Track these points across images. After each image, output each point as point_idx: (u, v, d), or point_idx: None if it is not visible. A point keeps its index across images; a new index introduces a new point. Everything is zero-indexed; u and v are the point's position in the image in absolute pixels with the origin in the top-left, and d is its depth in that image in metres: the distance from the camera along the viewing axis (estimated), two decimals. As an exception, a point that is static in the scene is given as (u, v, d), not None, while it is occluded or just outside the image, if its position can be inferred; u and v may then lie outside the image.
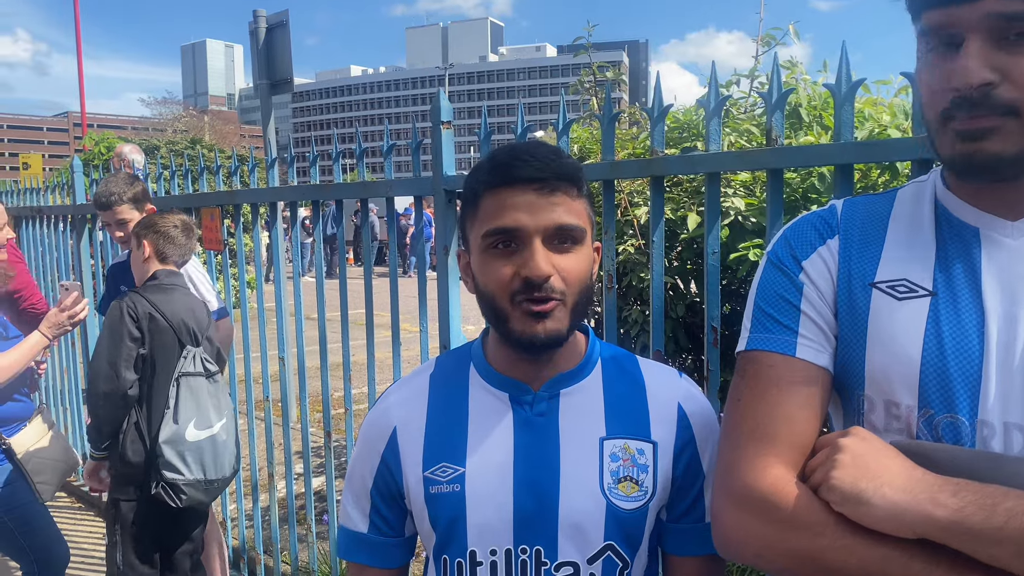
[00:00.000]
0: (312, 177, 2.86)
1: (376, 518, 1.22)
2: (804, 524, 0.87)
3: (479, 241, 1.11)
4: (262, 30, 5.50)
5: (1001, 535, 0.75)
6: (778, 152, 1.61)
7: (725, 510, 0.95)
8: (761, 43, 3.32)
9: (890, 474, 0.83)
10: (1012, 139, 0.84)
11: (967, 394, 0.88)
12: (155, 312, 2.64)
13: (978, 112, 0.84)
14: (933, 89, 0.89)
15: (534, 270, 1.05)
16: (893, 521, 0.81)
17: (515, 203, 1.07)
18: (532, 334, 1.08)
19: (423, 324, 2.51)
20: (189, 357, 2.69)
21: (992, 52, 0.83)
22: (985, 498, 0.78)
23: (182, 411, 2.63)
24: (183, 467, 2.59)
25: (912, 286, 0.94)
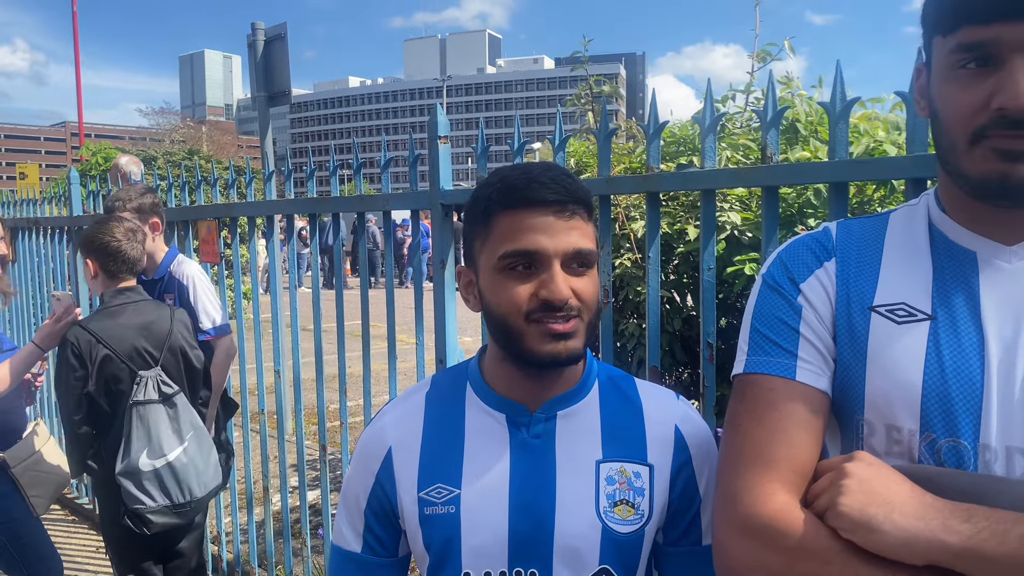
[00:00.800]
0: (309, 190, 2.87)
1: (370, 538, 1.22)
2: (812, 552, 0.86)
3: (494, 262, 1.10)
4: (260, 43, 5.52)
5: (1015, 561, 0.75)
6: (773, 169, 1.61)
7: (730, 538, 0.94)
8: (757, 59, 3.34)
9: (900, 500, 0.82)
10: None
11: (969, 418, 0.88)
12: (101, 344, 2.54)
13: (1020, 132, 0.83)
14: (966, 106, 0.87)
15: (555, 293, 1.05)
16: (905, 548, 0.80)
17: (533, 225, 1.07)
18: (554, 353, 1.07)
19: (419, 336, 2.51)
20: (142, 383, 2.56)
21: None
22: (997, 524, 0.77)
23: (133, 442, 2.53)
24: (144, 497, 2.53)
25: (911, 310, 0.94)
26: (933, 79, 0.93)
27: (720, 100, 3.15)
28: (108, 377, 2.55)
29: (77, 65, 20.23)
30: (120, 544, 2.69)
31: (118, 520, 2.59)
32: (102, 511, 2.73)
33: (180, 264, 3.16)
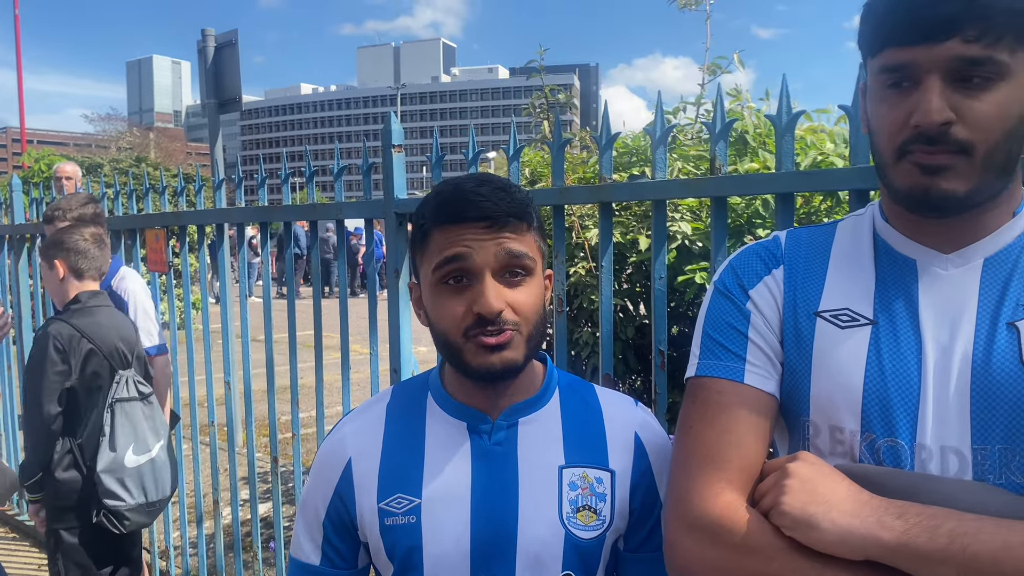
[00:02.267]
0: (260, 198, 2.83)
1: (329, 550, 1.20)
2: (756, 549, 0.89)
3: (430, 276, 1.11)
4: (211, 49, 5.43)
5: (944, 556, 0.78)
6: (722, 180, 1.65)
7: (679, 536, 0.96)
8: (707, 71, 3.41)
9: (838, 498, 0.86)
10: (964, 178, 0.88)
11: (907, 419, 0.91)
12: (84, 339, 2.56)
13: (936, 148, 0.88)
14: (891, 123, 0.92)
15: (484, 306, 1.05)
16: (842, 545, 0.83)
17: (463, 239, 1.07)
18: (488, 365, 1.08)
19: (373, 346, 2.49)
20: (122, 382, 2.62)
21: (950, 92, 0.87)
22: (929, 519, 0.81)
23: (119, 437, 2.57)
24: (124, 493, 2.55)
25: (854, 315, 0.98)
26: (868, 98, 0.98)
27: (671, 112, 3.20)
28: (90, 373, 2.57)
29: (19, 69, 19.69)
30: (75, 552, 2.63)
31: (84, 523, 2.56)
32: (56, 518, 2.64)
33: (122, 279, 3.12)
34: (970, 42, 0.85)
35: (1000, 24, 0.84)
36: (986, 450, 0.88)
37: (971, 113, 0.86)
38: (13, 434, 4.65)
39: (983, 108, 0.86)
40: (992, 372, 0.88)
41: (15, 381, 4.55)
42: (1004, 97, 0.86)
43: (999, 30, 0.84)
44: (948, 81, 0.87)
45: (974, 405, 0.89)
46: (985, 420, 0.88)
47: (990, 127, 0.87)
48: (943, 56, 0.86)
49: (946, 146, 0.87)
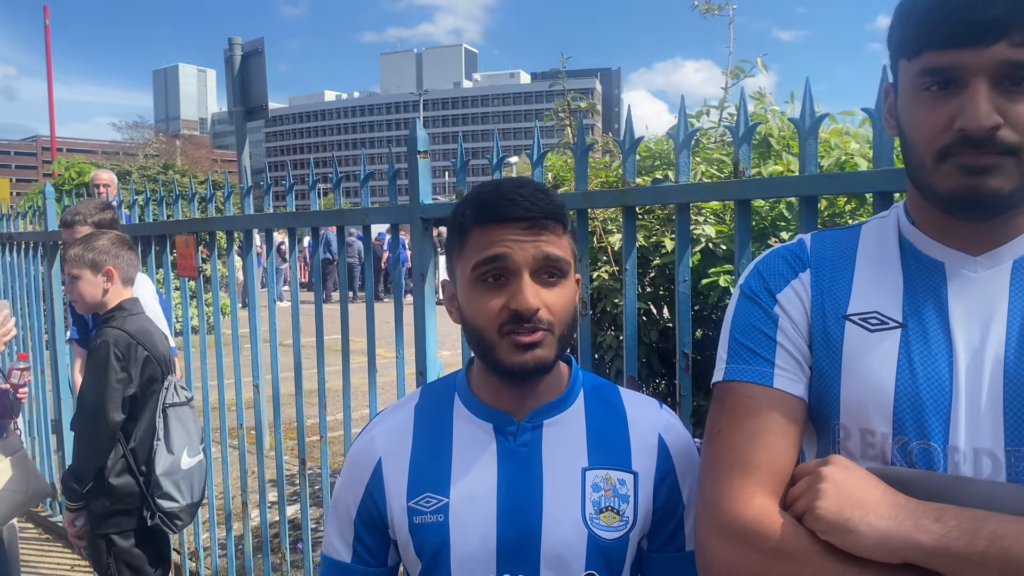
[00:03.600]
0: (288, 204, 2.88)
1: (360, 548, 1.23)
2: (791, 553, 0.89)
3: (468, 273, 1.13)
4: (237, 57, 5.51)
5: (984, 558, 0.78)
6: (745, 184, 1.66)
7: (712, 541, 0.96)
8: (730, 75, 3.42)
9: (874, 502, 0.86)
10: (1011, 177, 0.88)
11: (939, 422, 0.92)
12: (141, 347, 2.62)
13: (982, 151, 0.88)
14: (932, 127, 0.91)
15: (523, 303, 1.08)
16: (880, 548, 0.83)
17: (504, 238, 1.10)
18: (522, 363, 1.10)
19: (400, 350, 2.52)
20: (171, 387, 2.70)
21: (995, 95, 0.87)
22: (967, 522, 0.81)
23: (175, 441, 2.65)
24: (178, 495, 2.63)
25: (883, 318, 0.98)
26: (900, 100, 0.97)
27: (694, 115, 3.21)
28: (147, 379, 2.63)
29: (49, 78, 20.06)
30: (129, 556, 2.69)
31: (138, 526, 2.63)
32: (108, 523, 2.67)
33: None
34: (1017, 45, 0.85)
35: None
36: (1019, 452, 0.88)
37: (1018, 117, 0.87)
38: (46, 439, 4.74)
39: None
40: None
41: (48, 385, 4.64)
42: None
43: None
44: (994, 85, 0.87)
45: (1007, 407, 0.89)
46: (1018, 422, 0.88)
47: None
48: (990, 60, 0.86)
49: (993, 149, 0.87)
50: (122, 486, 2.63)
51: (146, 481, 2.65)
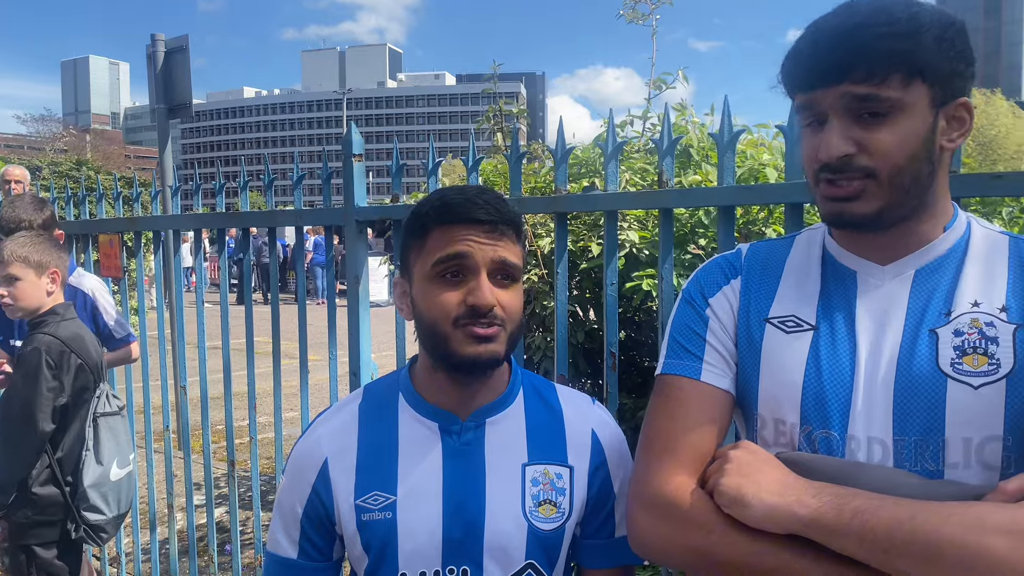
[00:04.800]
0: (218, 204, 2.87)
1: (306, 544, 1.28)
2: (698, 523, 1.02)
3: (427, 270, 1.19)
4: (160, 54, 5.40)
5: (848, 529, 0.91)
6: (669, 194, 1.77)
7: (638, 513, 1.10)
8: (653, 86, 3.56)
9: (767, 480, 0.99)
10: (875, 199, 1.02)
11: (839, 414, 1.05)
12: (74, 355, 2.52)
13: (841, 176, 1.02)
14: (807, 156, 1.07)
15: (481, 299, 1.15)
16: (768, 520, 0.96)
17: (466, 237, 1.17)
18: (475, 354, 1.17)
19: (332, 352, 2.55)
20: (103, 396, 2.61)
21: (851, 127, 1.01)
22: (838, 498, 0.94)
23: (105, 452, 2.56)
24: (105, 507, 2.55)
25: (799, 321, 1.12)
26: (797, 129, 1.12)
27: (619, 125, 3.34)
28: (79, 388, 2.53)
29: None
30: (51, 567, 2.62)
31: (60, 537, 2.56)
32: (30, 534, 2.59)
33: (82, 277, 3.12)
34: (858, 83, 0.98)
35: (884, 64, 0.98)
36: (904, 440, 1.01)
37: (871, 144, 1.00)
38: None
39: (881, 138, 1.00)
40: (913, 373, 1.02)
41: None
42: (902, 127, 1.00)
43: (884, 71, 0.98)
44: (850, 118, 1.01)
45: (896, 402, 1.02)
46: (904, 415, 1.01)
47: (890, 153, 1.00)
48: (838, 96, 1.00)
49: (852, 173, 1.01)
50: (46, 496, 2.56)
51: (72, 492, 2.58)
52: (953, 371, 1.00)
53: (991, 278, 1.05)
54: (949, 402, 1.00)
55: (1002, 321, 1.02)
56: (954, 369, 1.00)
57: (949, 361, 1.01)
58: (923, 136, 1.01)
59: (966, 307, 1.04)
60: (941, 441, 1.00)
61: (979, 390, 0.99)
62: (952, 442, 1.00)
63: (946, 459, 1.00)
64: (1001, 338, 1.01)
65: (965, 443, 1.00)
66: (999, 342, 1.01)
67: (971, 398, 0.99)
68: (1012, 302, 1.03)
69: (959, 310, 1.04)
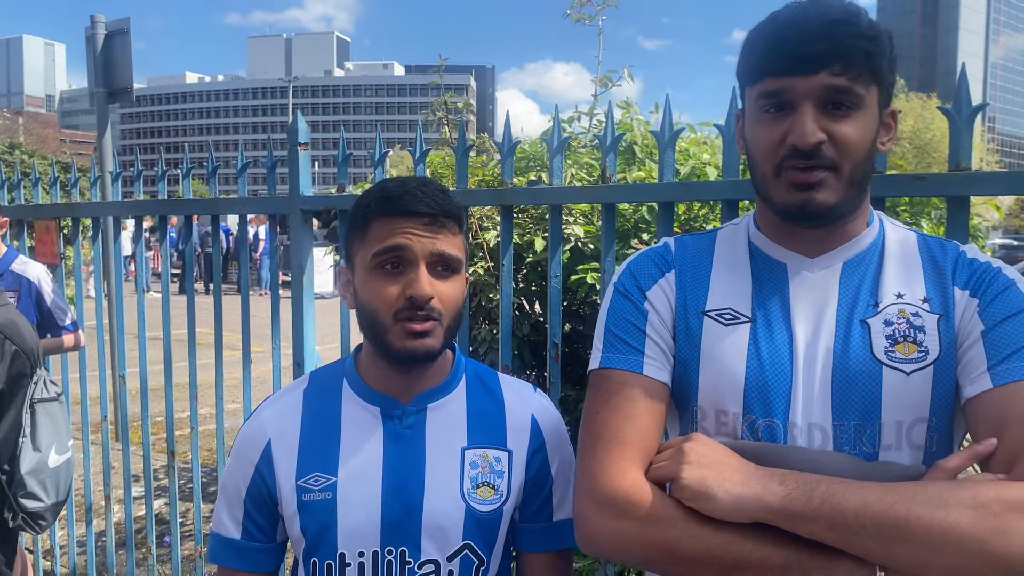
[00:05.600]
0: (160, 191, 2.82)
1: (249, 524, 1.29)
2: (659, 519, 1.03)
3: (368, 261, 1.22)
4: (100, 36, 5.25)
5: (818, 514, 0.94)
6: (611, 189, 1.81)
7: (590, 512, 1.08)
8: (599, 84, 3.61)
9: (729, 471, 1.01)
10: (835, 191, 1.06)
11: (781, 402, 1.09)
12: (9, 341, 2.46)
13: (810, 164, 1.05)
14: (769, 143, 1.08)
15: (418, 290, 1.18)
16: (735, 511, 0.98)
17: (405, 230, 1.20)
18: (411, 349, 1.20)
19: (276, 342, 2.54)
20: (40, 382, 2.56)
21: (819, 117, 1.05)
22: (804, 484, 0.96)
23: (42, 438, 2.51)
24: (43, 494, 2.50)
25: (736, 314, 1.15)
26: (746, 122, 1.15)
27: (567, 120, 3.39)
28: (15, 375, 2.45)
29: None
30: None
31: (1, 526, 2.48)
32: None
33: (25, 264, 3.06)
34: (836, 75, 1.03)
35: (859, 62, 1.03)
36: (843, 426, 1.07)
37: (839, 135, 1.04)
38: None
39: (847, 131, 1.04)
40: (848, 362, 1.07)
41: None
42: (862, 124, 1.05)
43: (858, 67, 1.03)
44: (819, 108, 1.04)
45: (834, 389, 1.07)
46: (842, 402, 1.07)
47: (854, 148, 1.05)
48: (815, 85, 1.03)
49: (819, 162, 1.04)
50: None
51: (8, 480, 2.53)
52: (887, 359, 1.06)
53: (909, 272, 1.12)
54: (885, 388, 1.05)
55: (926, 311, 1.08)
56: (888, 357, 1.06)
57: (883, 349, 1.07)
58: (873, 136, 1.08)
59: (892, 298, 1.10)
60: (878, 425, 1.06)
61: (911, 376, 1.05)
62: (887, 425, 1.06)
63: (881, 441, 1.06)
64: (927, 327, 1.07)
65: (898, 426, 1.06)
66: (926, 331, 1.07)
67: (904, 384, 1.05)
68: (932, 294, 1.10)
69: (886, 301, 1.10)
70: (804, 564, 0.96)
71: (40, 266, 3.17)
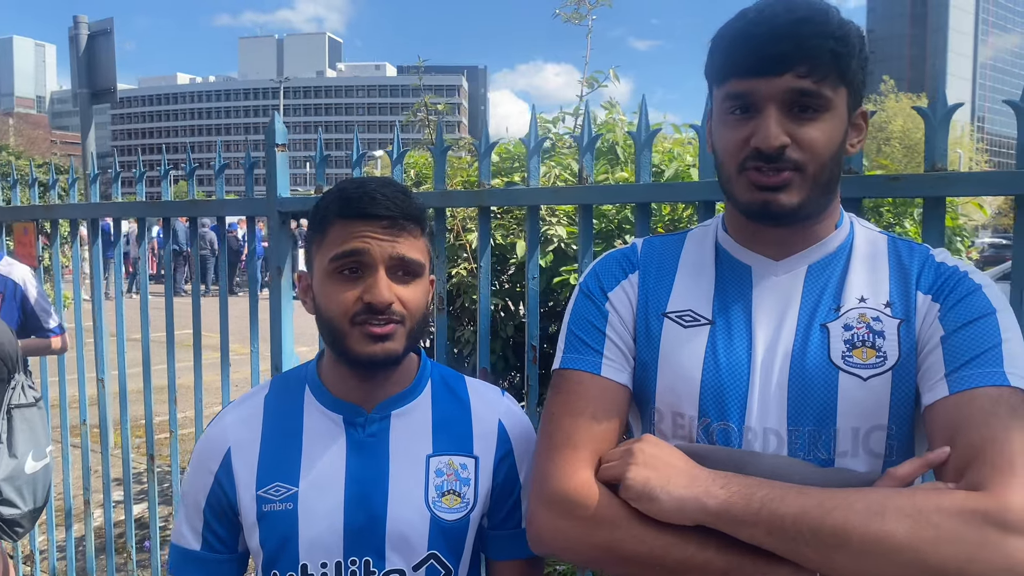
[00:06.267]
0: (139, 192, 2.79)
1: (209, 535, 1.26)
2: (604, 520, 1.02)
3: (325, 265, 1.19)
4: (83, 36, 5.20)
5: (756, 519, 0.93)
6: (587, 190, 1.79)
7: (539, 511, 1.09)
8: (586, 84, 3.60)
9: (674, 472, 1.00)
10: (798, 192, 1.04)
11: (737, 406, 1.07)
12: None
13: (774, 166, 1.03)
14: (733, 144, 1.06)
15: (377, 296, 1.15)
16: (677, 513, 0.97)
17: (363, 233, 1.17)
18: (371, 353, 1.17)
19: (254, 345, 2.51)
20: (17, 387, 2.53)
21: (784, 119, 1.03)
22: (745, 488, 0.96)
23: (19, 444, 2.47)
24: (20, 501, 2.46)
25: (696, 316, 1.13)
26: (714, 123, 1.13)
27: (551, 121, 3.37)
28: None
29: None
30: None
31: None
32: None
33: (10, 265, 3.03)
34: (801, 77, 1.01)
35: (825, 64, 1.00)
36: (798, 431, 1.05)
37: (803, 138, 1.03)
38: None
39: (812, 134, 1.03)
40: (806, 367, 1.05)
41: None
42: (829, 126, 1.03)
43: (824, 69, 1.01)
44: (784, 110, 1.03)
45: (790, 394, 1.05)
46: (798, 407, 1.05)
47: (819, 151, 1.03)
48: (780, 87, 1.01)
49: (782, 164, 1.03)
50: None
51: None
52: (844, 363, 1.04)
53: (875, 275, 1.10)
54: (840, 393, 1.03)
55: (887, 316, 1.06)
56: (845, 362, 1.04)
57: (840, 354, 1.05)
58: (841, 138, 1.06)
59: (854, 302, 1.08)
60: (833, 431, 1.04)
61: (868, 381, 1.03)
62: (842, 432, 1.04)
63: (836, 448, 1.04)
64: (887, 332, 1.05)
65: (854, 432, 1.04)
66: (885, 336, 1.05)
67: (860, 389, 1.03)
68: (895, 298, 1.07)
69: (847, 305, 1.08)
70: (745, 569, 0.96)
71: (25, 268, 3.14)
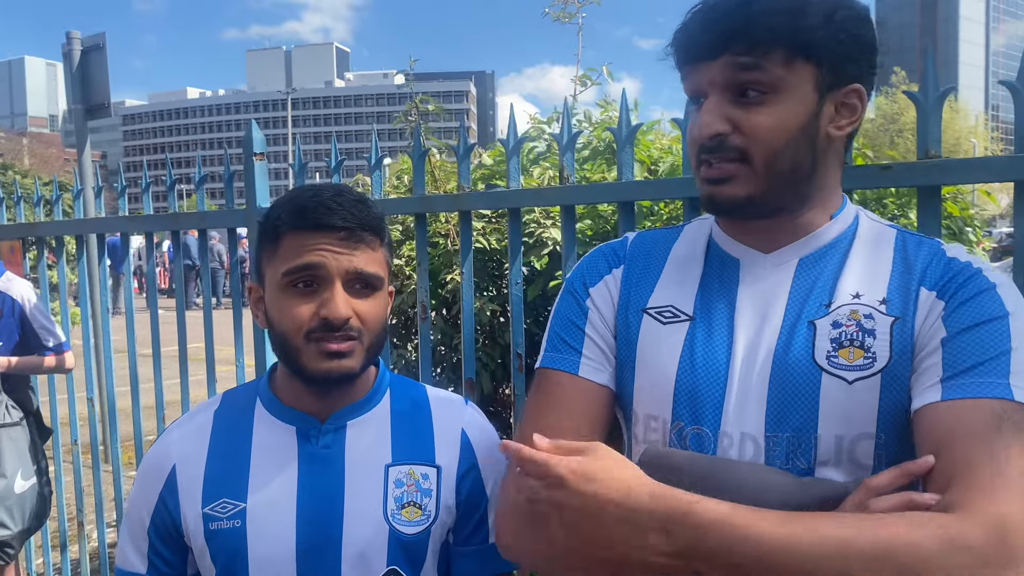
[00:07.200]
0: (146, 206, 2.73)
1: (155, 558, 1.20)
2: None
3: (278, 279, 1.12)
4: (76, 52, 5.18)
5: None
6: (568, 190, 1.71)
7: (505, 515, 1.00)
8: (578, 83, 3.53)
9: None
10: (746, 183, 0.96)
11: (712, 409, 0.98)
12: None
13: (716, 157, 0.96)
14: (690, 135, 1.01)
15: (334, 312, 1.08)
16: None
17: (317, 246, 1.10)
18: (326, 370, 1.10)
19: (239, 358, 2.45)
20: (2, 407, 2.49)
21: (728, 106, 0.95)
22: None
23: (7, 464, 2.43)
24: (10, 521, 2.41)
25: (676, 312, 1.05)
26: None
27: (545, 122, 3.30)
28: None
29: None
30: None
31: None
32: None
33: (10, 282, 2.97)
34: (739, 55, 0.93)
35: (764, 39, 0.92)
36: (777, 437, 0.95)
37: (746, 124, 0.95)
38: None
39: (758, 119, 0.94)
40: (788, 367, 0.96)
41: None
42: (781, 110, 0.94)
43: (765, 45, 0.92)
44: (728, 96, 0.95)
45: (770, 396, 0.96)
46: (778, 411, 0.96)
47: (766, 137, 0.95)
48: (718, 71, 0.95)
49: (724, 153, 0.96)
50: None
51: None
52: (828, 364, 0.95)
53: (874, 270, 1.00)
54: (822, 397, 0.94)
55: (881, 313, 0.96)
56: (829, 362, 0.95)
57: (825, 354, 0.95)
58: (804, 120, 0.96)
59: (847, 298, 0.98)
60: (814, 438, 0.94)
61: (853, 385, 0.94)
62: (824, 439, 0.94)
63: (817, 457, 0.95)
64: (879, 331, 0.95)
65: (837, 440, 0.94)
66: (876, 335, 0.95)
67: (844, 393, 0.94)
68: (893, 295, 0.97)
69: (839, 301, 0.98)
70: None
71: (25, 284, 3.08)
